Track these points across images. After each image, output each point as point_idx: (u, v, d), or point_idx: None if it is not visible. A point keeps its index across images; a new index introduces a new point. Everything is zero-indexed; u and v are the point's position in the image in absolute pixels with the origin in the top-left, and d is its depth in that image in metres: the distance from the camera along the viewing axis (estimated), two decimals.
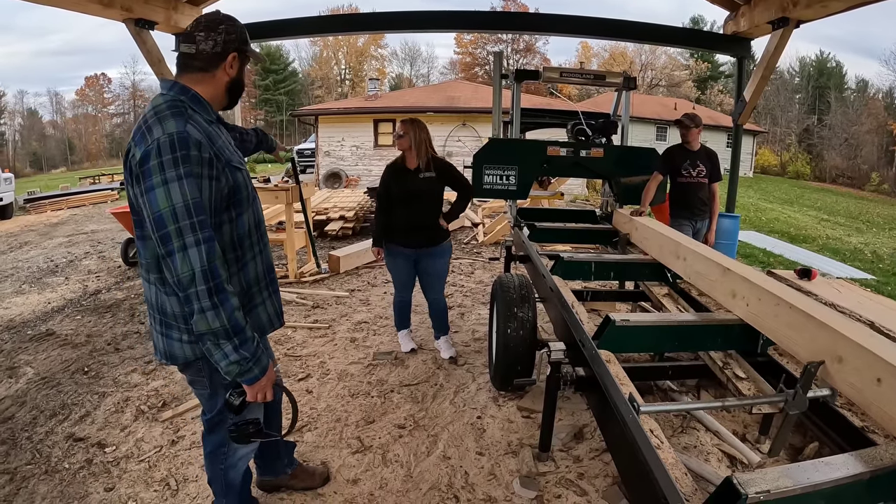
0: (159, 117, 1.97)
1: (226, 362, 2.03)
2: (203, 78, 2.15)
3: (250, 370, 2.10)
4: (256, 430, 2.32)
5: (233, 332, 2.01)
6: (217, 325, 1.97)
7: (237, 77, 2.23)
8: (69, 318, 6.33)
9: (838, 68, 63.37)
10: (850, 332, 2.17)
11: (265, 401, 2.25)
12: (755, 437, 3.71)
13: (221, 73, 2.17)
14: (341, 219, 11.25)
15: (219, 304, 1.96)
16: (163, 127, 1.94)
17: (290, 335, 5.69)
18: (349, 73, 72.08)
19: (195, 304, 1.94)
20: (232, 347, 2.02)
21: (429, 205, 4.68)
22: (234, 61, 2.18)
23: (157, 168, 1.89)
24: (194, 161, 1.95)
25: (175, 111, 2.00)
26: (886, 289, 9.21)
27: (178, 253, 1.90)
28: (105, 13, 6.36)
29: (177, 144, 1.92)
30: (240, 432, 2.28)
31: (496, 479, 3.34)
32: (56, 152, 64.59)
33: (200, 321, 1.96)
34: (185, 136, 1.94)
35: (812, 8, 5.98)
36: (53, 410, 4.17)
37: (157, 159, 1.90)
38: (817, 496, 1.69)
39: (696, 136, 5.68)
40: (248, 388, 2.16)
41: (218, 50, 2.13)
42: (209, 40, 2.12)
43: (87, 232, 12.35)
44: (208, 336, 1.99)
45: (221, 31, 2.13)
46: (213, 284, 1.95)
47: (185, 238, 1.90)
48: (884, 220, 23.20)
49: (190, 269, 1.91)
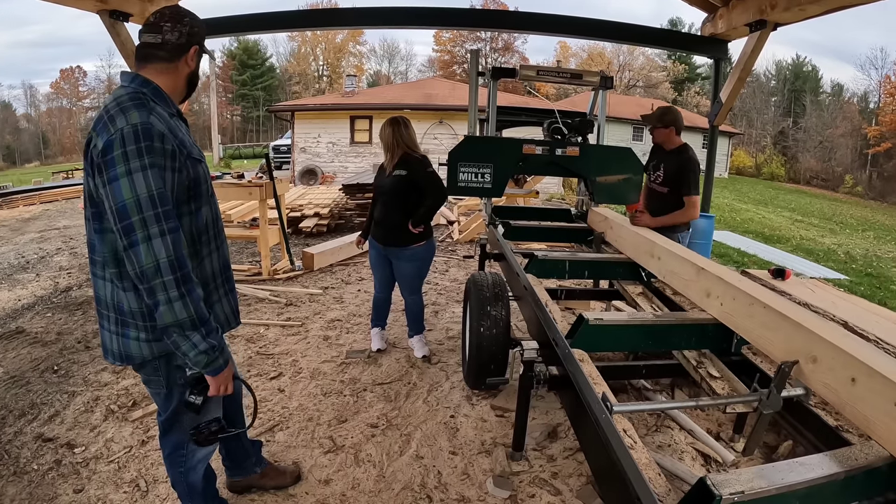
0: (122, 108, 1.95)
1: (194, 352, 2.02)
2: (166, 69, 2.14)
3: (216, 360, 2.09)
4: (219, 427, 2.30)
5: (199, 321, 2.00)
6: (185, 315, 1.95)
7: (195, 71, 2.25)
8: (39, 315, 6.21)
9: (814, 72, 64.47)
10: (824, 331, 2.17)
11: (227, 393, 2.23)
12: (729, 435, 3.73)
13: (183, 64, 2.18)
14: (316, 216, 11.18)
15: (186, 294, 1.95)
16: (126, 117, 1.92)
17: (262, 333, 5.62)
18: (327, 70, 71.86)
19: (161, 296, 1.91)
20: (200, 337, 2.01)
21: (393, 203, 4.66)
22: (195, 54, 2.20)
23: (120, 158, 1.87)
24: (158, 152, 1.93)
25: (137, 102, 1.98)
26: (859, 289, 9.35)
27: (143, 244, 1.87)
28: (80, 4, 6.24)
29: (141, 135, 1.90)
30: (203, 433, 2.25)
31: (469, 479, 3.32)
32: (30, 146, 63.77)
33: (167, 313, 1.93)
34: (148, 127, 1.92)
35: (789, 11, 6.01)
36: (22, 410, 4.06)
37: (121, 149, 1.87)
38: (792, 497, 1.68)
39: (667, 137, 5.04)
40: (213, 379, 2.14)
41: (183, 41, 2.14)
42: (175, 31, 2.12)
43: (59, 228, 12.15)
44: (174, 328, 1.97)
45: (187, 24, 2.15)
46: (180, 274, 1.93)
47: (150, 228, 1.88)
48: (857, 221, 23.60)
49: (154, 259, 1.88)
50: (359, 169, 22.83)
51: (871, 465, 1.81)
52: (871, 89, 58.50)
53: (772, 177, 48.42)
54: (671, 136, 4.90)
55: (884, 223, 24.86)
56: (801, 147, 54.93)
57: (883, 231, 20.86)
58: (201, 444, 2.32)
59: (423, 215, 4.64)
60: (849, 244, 15.04)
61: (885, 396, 1.80)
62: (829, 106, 58.43)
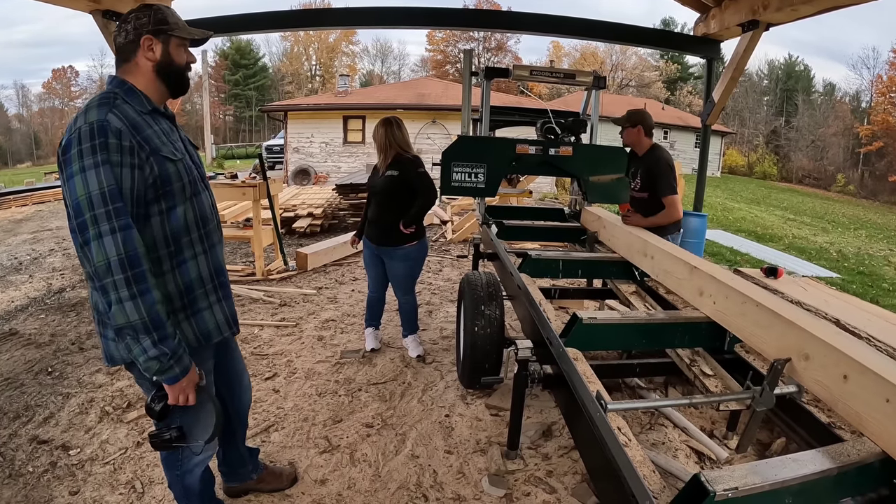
0: (87, 108, 1.99)
1: (144, 358, 1.97)
2: (129, 68, 2.15)
3: (170, 368, 2.03)
4: (178, 436, 2.23)
5: (152, 326, 1.95)
6: (135, 317, 1.91)
7: (163, 60, 2.18)
8: (33, 316, 6.18)
9: (806, 71, 64.67)
10: (816, 329, 2.18)
11: (188, 404, 2.17)
12: (723, 433, 3.74)
13: (141, 59, 2.15)
14: (309, 216, 11.16)
15: (137, 295, 1.91)
16: (86, 116, 1.94)
17: (256, 333, 5.62)
18: (320, 69, 71.66)
19: (112, 295, 1.89)
20: (151, 342, 1.96)
21: (385, 203, 4.68)
22: (150, 44, 2.15)
23: (76, 156, 1.89)
24: (112, 149, 1.92)
25: (103, 101, 2.00)
26: (851, 287, 9.38)
27: (94, 241, 1.86)
28: (72, 4, 6.22)
29: (95, 132, 1.90)
30: (159, 439, 2.21)
31: (465, 478, 3.32)
32: (22, 146, 63.24)
33: (118, 313, 1.90)
34: (104, 124, 1.92)
35: (782, 11, 6.04)
36: (17, 412, 4.05)
37: (77, 147, 1.89)
38: (785, 493, 1.69)
39: (636, 138, 5.03)
40: (169, 388, 2.10)
41: (130, 38, 2.13)
42: (122, 32, 2.14)
43: (51, 228, 12.09)
44: (127, 330, 1.93)
45: (130, 20, 2.14)
46: (130, 274, 1.89)
47: (101, 226, 1.86)
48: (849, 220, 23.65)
49: (105, 257, 1.86)
50: (352, 169, 22.85)
51: (864, 461, 1.82)
52: (863, 88, 58.84)
53: (764, 176, 48.51)
54: (640, 136, 4.90)
55: (875, 222, 24.93)
56: (794, 146, 55.10)
57: (875, 229, 20.92)
58: (157, 449, 2.28)
59: (415, 215, 4.64)
60: (841, 242, 15.09)
61: (877, 393, 1.81)
62: (822, 105, 58.59)
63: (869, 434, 1.87)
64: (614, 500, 1.97)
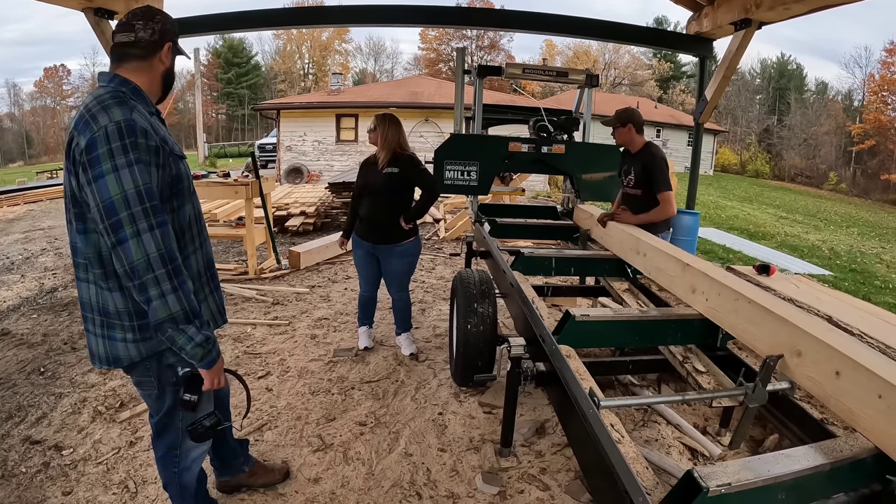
0: (103, 106, 1.94)
1: (191, 345, 2.01)
2: (141, 67, 2.13)
3: (211, 352, 2.09)
4: (216, 420, 2.30)
5: (192, 314, 2.01)
6: (178, 308, 1.95)
7: (170, 68, 2.24)
8: (25, 316, 6.15)
9: (799, 70, 64.87)
10: (808, 326, 2.19)
11: (220, 387, 2.22)
12: (716, 429, 3.75)
13: (158, 62, 2.17)
14: (302, 214, 11.13)
15: (178, 287, 1.95)
16: (109, 115, 1.91)
17: (249, 332, 5.60)
18: (312, 68, 71.50)
19: (153, 291, 1.91)
20: (195, 329, 2.02)
21: (386, 201, 4.62)
22: (169, 51, 2.19)
23: (106, 155, 1.86)
24: (142, 148, 1.93)
25: (118, 100, 1.97)
26: (843, 284, 9.42)
27: (132, 239, 1.87)
28: (64, 2, 6.20)
29: (125, 131, 1.89)
30: (199, 429, 2.26)
31: (458, 476, 3.32)
32: (13, 145, 62.92)
33: (161, 307, 1.93)
34: (132, 124, 1.92)
35: (774, 10, 6.05)
36: (9, 412, 4.03)
37: (106, 146, 1.86)
38: (778, 488, 1.69)
39: (627, 136, 4.89)
40: (207, 373, 2.13)
41: (156, 38, 2.13)
42: (147, 28, 2.12)
43: (43, 228, 12.02)
44: (168, 323, 1.96)
45: (159, 21, 2.15)
46: (171, 268, 1.93)
47: (139, 224, 1.87)
48: (841, 217, 23.76)
49: (144, 254, 1.88)
50: (345, 167, 22.79)
51: (856, 456, 1.83)
52: (855, 87, 59.04)
53: (756, 174, 48.68)
54: (631, 135, 4.83)
55: (867, 219, 25.05)
56: (786, 145, 55.28)
57: (866, 227, 21.04)
58: (199, 440, 2.32)
59: (417, 211, 4.64)
60: (833, 240, 15.14)
61: (869, 389, 1.82)
62: (814, 104, 58.80)
63: (861, 430, 1.88)
64: (608, 497, 1.98)
